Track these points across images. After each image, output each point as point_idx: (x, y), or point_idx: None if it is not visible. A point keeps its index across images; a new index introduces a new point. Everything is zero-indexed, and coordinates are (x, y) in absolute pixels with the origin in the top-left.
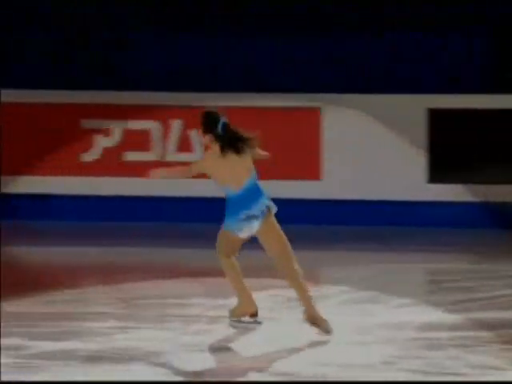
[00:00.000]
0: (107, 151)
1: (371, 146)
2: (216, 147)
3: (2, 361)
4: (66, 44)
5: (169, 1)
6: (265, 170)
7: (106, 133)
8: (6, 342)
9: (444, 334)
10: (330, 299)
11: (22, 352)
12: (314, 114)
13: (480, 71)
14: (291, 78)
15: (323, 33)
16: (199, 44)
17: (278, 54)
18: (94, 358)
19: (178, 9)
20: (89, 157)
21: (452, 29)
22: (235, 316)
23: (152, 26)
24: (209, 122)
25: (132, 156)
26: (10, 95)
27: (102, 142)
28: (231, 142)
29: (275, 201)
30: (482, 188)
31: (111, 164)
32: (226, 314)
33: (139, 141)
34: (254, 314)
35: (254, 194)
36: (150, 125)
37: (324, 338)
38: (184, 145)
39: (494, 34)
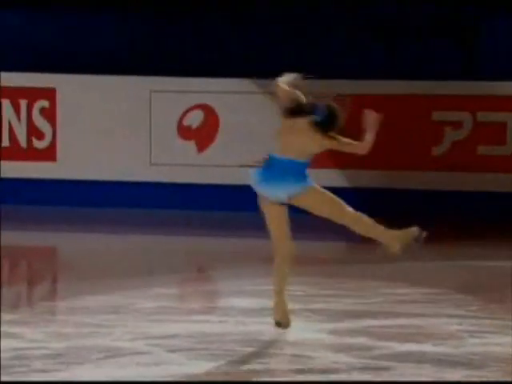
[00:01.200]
0: (458, 144)
1: None
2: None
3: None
4: None
5: None
6: None
7: (456, 125)
8: (353, 341)
9: None
10: None
11: (369, 353)
12: None
13: None
14: None
15: None
16: None
17: None
18: (443, 362)
19: None
20: (439, 150)
21: None
22: None
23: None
24: None
25: (484, 150)
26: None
27: (452, 135)
28: None
29: None
30: None
31: (462, 158)
32: None
33: (492, 133)
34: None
35: None
36: (503, 117)
37: None
38: None
39: None
